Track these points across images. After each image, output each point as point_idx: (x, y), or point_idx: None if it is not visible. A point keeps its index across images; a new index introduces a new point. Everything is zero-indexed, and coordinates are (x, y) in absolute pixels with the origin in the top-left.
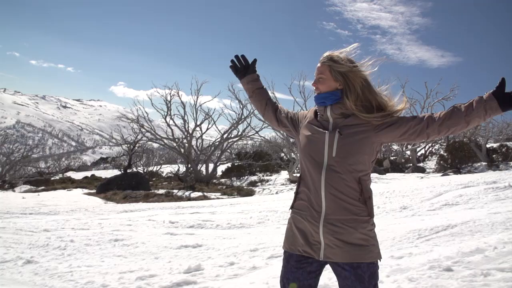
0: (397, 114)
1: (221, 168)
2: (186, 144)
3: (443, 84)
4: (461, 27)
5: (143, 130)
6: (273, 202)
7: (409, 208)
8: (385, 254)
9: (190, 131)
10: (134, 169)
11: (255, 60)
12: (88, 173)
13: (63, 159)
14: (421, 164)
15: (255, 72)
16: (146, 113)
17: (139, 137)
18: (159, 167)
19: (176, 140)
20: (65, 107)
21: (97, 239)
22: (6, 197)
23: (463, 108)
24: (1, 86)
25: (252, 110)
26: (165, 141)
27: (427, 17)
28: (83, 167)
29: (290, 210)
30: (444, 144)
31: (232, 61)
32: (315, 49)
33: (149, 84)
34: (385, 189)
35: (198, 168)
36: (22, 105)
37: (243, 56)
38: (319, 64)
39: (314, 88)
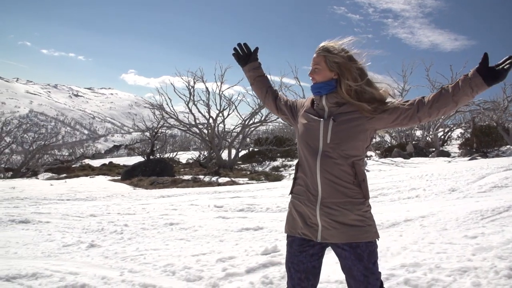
0: (389, 102)
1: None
2: (209, 130)
3: (455, 68)
4: (474, 10)
5: (166, 116)
6: None
7: (458, 190)
8: (457, 234)
9: (214, 117)
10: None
11: (257, 49)
12: (104, 161)
13: (78, 147)
14: (444, 148)
15: (256, 60)
16: (170, 98)
17: (161, 123)
18: (174, 153)
19: (199, 126)
20: (76, 95)
21: (151, 223)
22: (34, 184)
23: (450, 89)
24: (13, 75)
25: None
26: (187, 127)
27: (440, 0)
28: (98, 155)
29: (290, 195)
30: (464, 127)
31: (235, 49)
32: (326, 34)
33: (160, 71)
34: (422, 172)
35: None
36: (34, 94)
37: (245, 44)
38: (314, 55)
39: (311, 78)
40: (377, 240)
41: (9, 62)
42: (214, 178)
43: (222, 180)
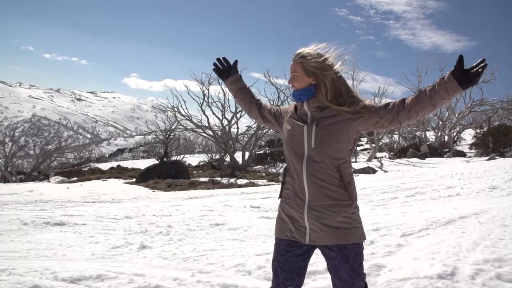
0: (370, 105)
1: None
2: (224, 132)
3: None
4: (476, 11)
5: (179, 118)
6: None
7: (498, 188)
8: None
9: (229, 119)
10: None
11: (236, 61)
12: (110, 164)
13: (84, 151)
14: (459, 148)
15: (237, 73)
16: (184, 101)
17: (174, 125)
18: (181, 156)
19: (213, 128)
20: (79, 99)
21: (195, 224)
22: (50, 187)
23: (427, 92)
24: (16, 80)
25: (289, 95)
26: (202, 129)
27: (441, 1)
28: (102, 159)
29: (279, 199)
30: (475, 127)
31: (214, 64)
32: (327, 37)
33: (162, 75)
34: (450, 171)
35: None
36: (37, 98)
37: (224, 58)
38: (291, 62)
39: (291, 85)
40: (363, 241)
41: (12, 66)
42: (232, 180)
43: (240, 181)
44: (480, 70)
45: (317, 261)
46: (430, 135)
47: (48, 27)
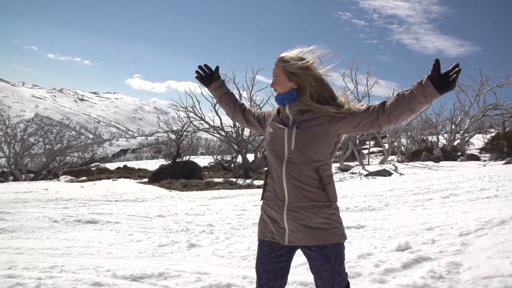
0: (351, 108)
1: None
2: (239, 133)
3: (466, 73)
4: (480, 16)
5: (192, 118)
6: (365, 188)
7: None
8: None
9: None
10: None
11: (217, 67)
12: (115, 164)
13: (88, 151)
14: (471, 152)
15: (219, 78)
16: (198, 101)
17: (186, 125)
18: (187, 157)
19: (226, 128)
20: (82, 100)
21: (237, 223)
22: (64, 186)
23: (406, 96)
24: (19, 79)
25: None
26: (214, 130)
27: (445, 6)
28: (106, 159)
29: (261, 201)
30: (482, 131)
31: (197, 71)
32: (330, 40)
33: (165, 76)
34: (476, 174)
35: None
36: (40, 98)
37: (206, 65)
38: (274, 66)
39: (273, 89)
40: (344, 241)
41: (15, 66)
42: (248, 181)
43: (257, 182)
44: (454, 75)
45: (389, 258)
46: (440, 139)
47: (52, 27)
